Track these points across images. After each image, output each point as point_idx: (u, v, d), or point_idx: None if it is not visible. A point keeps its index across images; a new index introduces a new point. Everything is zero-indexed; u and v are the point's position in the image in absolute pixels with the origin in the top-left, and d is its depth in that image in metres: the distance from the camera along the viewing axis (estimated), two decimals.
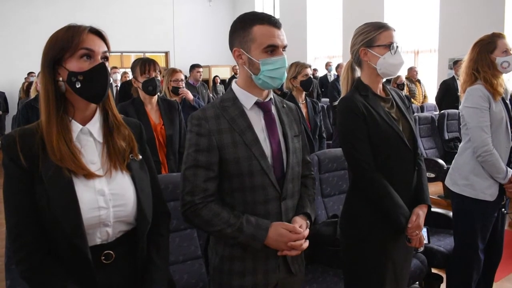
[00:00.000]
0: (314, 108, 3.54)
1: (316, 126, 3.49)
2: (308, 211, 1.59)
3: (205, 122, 1.47)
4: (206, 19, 14.97)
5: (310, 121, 3.47)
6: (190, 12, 14.95)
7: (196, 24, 14.87)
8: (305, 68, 3.45)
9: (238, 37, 1.49)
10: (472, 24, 7.40)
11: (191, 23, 14.85)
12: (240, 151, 1.46)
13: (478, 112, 2.38)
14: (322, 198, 2.69)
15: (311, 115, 3.48)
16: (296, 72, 3.43)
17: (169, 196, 2.18)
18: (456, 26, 7.88)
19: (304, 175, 1.68)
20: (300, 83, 3.43)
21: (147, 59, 2.86)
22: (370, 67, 1.87)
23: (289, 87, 3.50)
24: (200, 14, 15.06)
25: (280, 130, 1.56)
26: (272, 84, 1.49)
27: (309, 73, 3.48)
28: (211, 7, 15.24)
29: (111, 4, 13.52)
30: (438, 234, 2.92)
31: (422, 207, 1.87)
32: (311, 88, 3.52)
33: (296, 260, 1.61)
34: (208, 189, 1.46)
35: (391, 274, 1.89)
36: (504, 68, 2.42)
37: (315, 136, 3.47)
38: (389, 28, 1.85)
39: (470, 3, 7.99)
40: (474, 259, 2.49)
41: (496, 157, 2.36)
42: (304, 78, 3.43)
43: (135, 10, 13.92)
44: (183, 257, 2.25)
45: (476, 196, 2.42)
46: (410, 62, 9.17)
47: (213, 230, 1.47)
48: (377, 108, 1.82)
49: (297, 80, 3.43)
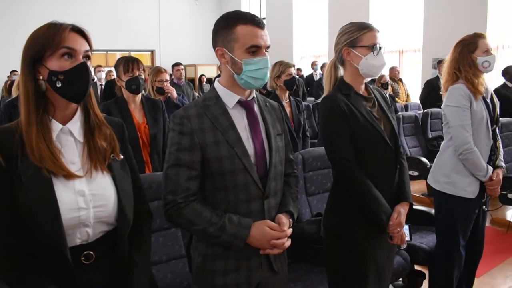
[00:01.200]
0: (298, 107, 3.55)
1: (300, 125, 3.50)
2: (291, 209, 1.59)
3: (187, 121, 1.47)
4: (192, 18, 14.93)
5: (294, 120, 3.47)
6: (176, 10, 14.90)
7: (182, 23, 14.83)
8: (289, 67, 3.46)
9: (221, 36, 1.49)
10: (455, 24, 7.50)
11: (177, 21, 14.80)
12: (222, 150, 1.46)
13: (459, 111, 2.41)
14: (307, 197, 2.71)
15: (295, 114, 3.49)
16: (280, 72, 3.43)
17: (153, 195, 2.17)
18: (439, 26, 7.98)
19: (287, 174, 1.68)
20: (284, 83, 3.44)
21: (130, 58, 2.84)
22: (353, 67, 1.88)
23: (272, 86, 3.50)
24: (186, 13, 15.01)
25: (263, 128, 1.56)
26: (254, 84, 1.49)
27: (293, 72, 3.49)
28: (197, 6, 15.20)
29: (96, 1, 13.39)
30: (420, 232, 2.95)
31: (403, 204, 1.89)
32: (294, 87, 3.53)
33: (279, 258, 1.61)
34: (190, 188, 1.46)
35: (374, 272, 1.91)
36: (485, 67, 2.46)
37: (298, 135, 3.48)
38: (373, 29, 1.86)
39: (454, 4, 8.10)
40: (455, 256, 2.52)
41: (477, 155, 2.39)
42: (288, 78, 3.43)
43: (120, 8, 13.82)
44: (167, 257, 2.25)
45: (457, 194, 2.45)
46: (394, 62, 9.26)
47: (196, 229, 1.47)
48: (359, 107, 1.83)
49: (281, 80, 3.43)
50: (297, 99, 3.64)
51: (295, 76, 3.57)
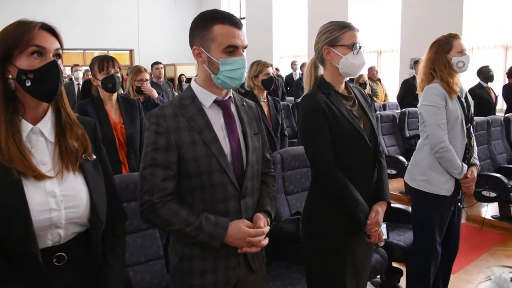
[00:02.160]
0: (276, 106, 3.55)
1: (278, 124, 3.51)
2: (268, 208, 1.59)
3: (163, 121, 1.45)
4: (171, 17, 14.84)
5: (272, 119, 3.47)
6: (155, 9, 14.80)
7: (161, 22, 14.73)
8: (266, 67, 3.46)
9: (198, 36, 1.48)
10: (432, 25, 7.62)
11: (156, 21, 14.69)
12: (199, 149, 1.45)
13: (435, 110, 2.45)
14: (285, 196, 2.71)
15: (272, 113, 3.49)
16: (258, 71, 3.43)
17: (131, 195, 2.14)
18: (416, 27, 8.11)
19: (264, 173, 1.68)
20: (262, 82, 3.43)
21: (105, 56, 2.80)
22: (333, 66, 1.88)
23: (250, 85, 3.50)
24: (165, 12, 14.92)
25: (240, 128, 1.56)
26: (231, 84, 1.48)
27: (271, 72, 3.49)
28: (176, 5, 15.12)
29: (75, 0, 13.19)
30: (398, 229, 2.99)
31: (381, 204, 1.90)
32: (272, 87, 3.53)
33: (257, 258, 1.61)
34: (166, 188, 1.45)
35: (352, 270, 1.92)
36: (460, 67, 2.50)
37: (277, 134, 3.48)
38: (352, 28, 1.87)
39: (431, 6, 8.25)
40: (432, 252, 2.56)
41: (452, 153, 2.43)
42: (266, 77, 3.43)
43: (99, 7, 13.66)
44: (145, 258, 2.22)
45: (433, 191, 2.49)
46: (373, 62, 9.37)
47: (172, 229, 1.46)
48: (339, 106, 1.84)
49: (259, 79, 3.43)
50: (274, 99, 3.65)
51: (273, 76, 3.57)
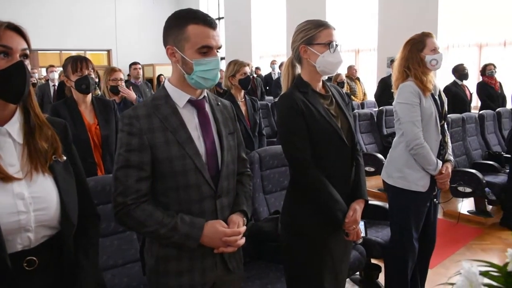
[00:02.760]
0: (253, 106, 3.55)
1: (255, 123, 3.50)
2: (244, 208, 1.59)
3: (136, 121, 1.43)
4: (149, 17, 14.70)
5: (249, 118, 3.46)
6: (133, 9, 14.66)
7: (139, 22, 14.59)
8: (244, 66, 3.45)
9: (172, 35, 1.46)
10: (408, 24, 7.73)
11: (134, 20, 14.56)
12: (173, 150, 1.44)
13: (409, 108, 2.48)
14: (264, 195, 2.71)
15: (250, 113, 3.48)
16: (235, 71, 3.42)
17: (107, 197, 2.10)
18: (393, 26, 8.21)
19: (240, 172, 1.67)
20: (239, 82, 3.42)
21: (78, 57, 2.75)
22: (310, 65, 1.88)
23: (227, 85, 3.49)
24: (143, 12, 14.79)
25: (215, 128, 1.55)
26: (204, 84, 1.48)
27: (248, 71, 3.47)
28: (154, 4, 15.00)
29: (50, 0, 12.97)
30: (376, 226, 3.02)
31: (359, 202, 1.91)
32: (249, 86, 3.52)
33: (234, 258, 1.61)
34: (140, 190, 1.43)
35: (330, 268, 1.93)
36: (433, 65, 2.53)
37: (255, 134, 3.47)
38: (329, 27, 1.87)
39: (407, 5, 8.37)
40: (409, 248, 2.59)
41: (427, 150, 2.47)
42: (243, 77, 3.42)
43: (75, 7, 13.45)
44: (123, 260, 2.19)
45: (409, 188, 2.52)
46: (351, 61, 9.46)
47: (147, 231, 1.44)
48: (316, 105, 1.84)
49: (236, 79, 3.42)
50: (252, 98, 3.64)
51: (250, 75, 3.56)
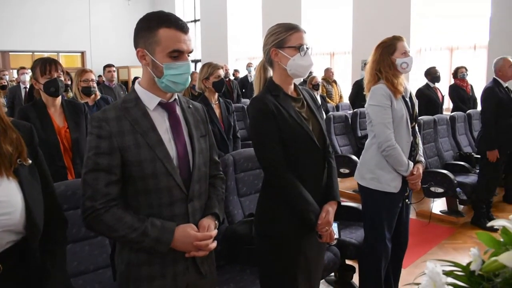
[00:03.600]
0: (228, 108, 3.54)
1: (229, 126, 3.50)
2: (216, 211, 1.58)
3: (105, 124, 1.41)
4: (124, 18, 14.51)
5: (223, 121, 3.46)
6: (107, 10, 14.46)
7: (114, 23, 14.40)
8: (217, 69, 3.44)
9: (143, 38, 1.44)
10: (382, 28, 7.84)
11: (109, 22, 14.36)
12: (143, 153, 1.42)
13: (381, 110, 2.52)
14: (239, 198, 2.70)
15: (224, 115, 3.47)
16: (209, 73, 3.41)
17: (77, 202, 2.06)
18: (367, 30, 8.33)
19: (212, 175, 1.67)
20: (213, 84, 3.41)
21: (47, 59, 2.69)
22: (281, 68, 1.89)
23: (201, 88, 3.48)
24: (118, 13, 14.60)
25: (186, 130, 1.54)
26: (174, 88, 1.47)
27: (222, 74, 3.47)
28: (130, 6, 14.83)
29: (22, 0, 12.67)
30: (350, 227, 3.05)
31: (331, 203, 1.92)
32: (223, 89, 3.52)
33: (206, 262, 1.60)
34: (110, 193, 1.41)
35: (304, 270, 1.94)
36: (404, 68, 2.58)
37: (229, 136, 3.47)
38: (299, 30, 1.88)
39: (380, 10, 8.51)
40: (382, 248, 2.63)
41: (398, 152, 2.51)
42: (217, 79, 3.42)
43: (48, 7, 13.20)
44: (94, 266, 2.16)
45: (381, 189, 2.56)
46: (326, 64, 9.55)
47: (117, 235, 1.42)
48: (288, 108, 1.85)
49: (209, 81, 3.41)
50: (226, 101, 3.63)
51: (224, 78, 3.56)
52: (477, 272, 0.80)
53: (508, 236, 0.83)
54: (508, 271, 0.75)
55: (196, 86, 3.62)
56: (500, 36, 7.12)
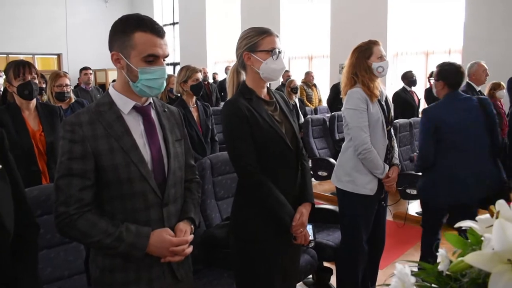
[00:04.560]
0: (206, 111, 3.54)
1: (207, 129, 3.49)
2: (192, 215, 1.58)
3: (78, 128, 1.39)
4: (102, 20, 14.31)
5: (201, 124, 3.45)
6: (84, 12, 14.26)
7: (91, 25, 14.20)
8: (196, 72, 3.44)
9: (118, 41, 1.43)
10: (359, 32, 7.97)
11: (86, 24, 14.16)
12: (117, 157, 1.41)
13: (357, 113, 2.55)
14: (216, 201, 2.70)
15: (202, 118, 3.47)
16: (187, 76, 3.40)
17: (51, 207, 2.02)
18: (345, 34, 8.43)
19: (188, 179, 1.66)
20: (190, 88, 3.41)
21: (21, 61, 2.65)
22: (254, 71, 1.90)
23: (179, 91, 3.47)
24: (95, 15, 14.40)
25: (161, 134, 1.53)
26: (149, 93, 1.46)
27: (200, 77, 3.47)
28: (107, 8, 14.67)
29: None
30: (327, 230, 3.07)
31: (305, 205, 1.94)
32: (201, 92, 3.51)
33: (182, 266, 1.59)
34: (83, 199, 1.39)
35: (280, 272, 1.95)
36: (380, 72, 2.61)
37: (207, 140, 3.46)
38: (271, 34, 1.89)
39: (358, 14, 8.63)
40: (359, 250, 2.66)
41: (374, 155, 2.54)
42: (195, 83, 3.41)
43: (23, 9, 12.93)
44: (69, 272, 2.13)
45: (358, 191, 2.59)
46: (305, 67, 9.63)
47: (91, 241, 1.40)
48: (261, 111, 1.86)
49: (187, 85, 3.40)
50: (204, 104, 3.63)
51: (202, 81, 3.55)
52: (445, 272, 0.82)
53: (474, 237, 0.85)
54: (474, 271, 0.77)
55: (174, 89, 3.60)
56: (473, 40, 7.30)
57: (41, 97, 4.03)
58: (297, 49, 10.31)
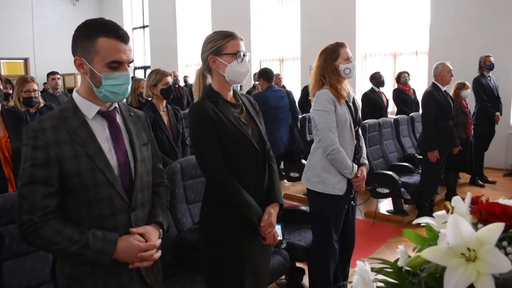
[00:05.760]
0: (176, 115, 3.52)
1: (178, 133, 3.47)
2: (160, 219, 1.57)
3: (41, 134, 1.37)
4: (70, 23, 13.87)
5: (172, 128, 3.43)
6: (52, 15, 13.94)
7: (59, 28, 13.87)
8: (165, 76, 3.42)
9: (81, 46, 1.41)
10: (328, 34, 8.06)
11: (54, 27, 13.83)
12: (82, 163, 1.39)
13: (325, 114, 2.58)
14: (187, 205, 2.68)
15: (173, 122, 3.45)
16: (156, 80, 3.38)
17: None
18: (314, 36, 8.51)
19: (156, 183, 1.65)
20: (160, 91, 3.39)
21: None
22: (219, 74, 1.91)
23: (149, 94, 3.44)
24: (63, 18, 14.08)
25: (127, 139, 1.52)
26: (113, 98, 1.45)
27: (170, 81, 3.45)
28: (75, 11, 14.38)
29: None
30: (299, 230, 3.10)
31: (274, 205, 1.96)
32: (171, 96, 3.49)
33: (152, 271, 1.58)
34: (48, 206, 1.36)
35: (251, 273, 1.95)
36: (346, 74, 2.65)
37: (177, 144, 3.45)
38: (236, 37, 1.91)
39: (327, 16, 8.76)
40: (330, 249, 2.69)
41: (343, 155, 2.58)
42: (165, 86, 3.39)
43: None
44: (37, 281, 2.08)
45: (327, 191, 2.62)
46: (276, 69, 9.68)
47: (57, 249, 1.38)
48: (227, 114, 1.88)
49: (157, 88, 3.38)
50: (174, 108, 3.61)
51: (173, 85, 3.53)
52: (404, 268, 0.84)
53: (432, 233, 0.88)
54: (432, 266, 0.80)
55: (144, 93, 3.57)
56: (439, 42, 7.51)
57: (7, 102, 3.93)
58: (268, 52, 10.37)
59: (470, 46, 7.03)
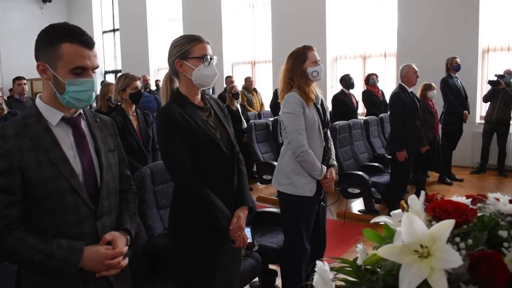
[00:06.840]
0: (146, 120, 3.50)
1: (148, 138, 3.45)
2: (127, 226, 1.56)
3: (3, 142, 1.34)
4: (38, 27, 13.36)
5: (142, 133, 3.40)
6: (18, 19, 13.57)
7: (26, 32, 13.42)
8: (134, 80, 3.39)
9: (44, 51, 1.39)
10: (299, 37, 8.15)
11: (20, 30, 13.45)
12: (46, 170, 1.37)
13: (294, 117, 2.61)
14: (158, 210, 2.66)
15: (142, 127, 3.42)
16: (125, 85, 3.35)
17: None
18: (286, 39, 8.59)
19: (124, 190, 1.64)
20: (129, 96, 3.36)
21: None
22: (187, 78, 1.92)
23: (117, 99, 3.41)
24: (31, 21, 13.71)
25: (92, 145, 1.50)
26: (77, 105, 1.43)
27: (139, 85, 3.43)
28: (43, 14, 14.05)
29: None
30: (271, 232, 3.11)
31: (243, 209, 1.98)
32: (140, 100, 3.47)
33: (121, 279, 1.56)
34: (10, 215, 1.34)
35: (222, 277, 1.96)
36: (314, 76, 2.69)
37: (148, 148, 3.42)
38: (202, 41, 1.92)
39: (298, 20, 8.86)
40: (301, 251, 2.72)
41: (312, 157, 2.62)
42: (133, 91, 3.37)
43: None
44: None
45: (297, 193, 2.65)
46: (248, 72, 9.71)
47: (21, 259, 1.35)
48: (195, 117, 1.88)
49: (126, 93, 3.35)
50: (144, 112, 3.58)
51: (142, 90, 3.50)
52: (363, 266, 0.87)
53: (389, 231, 0.91)
54: (389, 263, 0.82)
55: (113, 98, 3.53)
56: (406, 44, 7.70)
57: None
58: (240, 55, 10.39)
59: (437, 47, 7.23)
